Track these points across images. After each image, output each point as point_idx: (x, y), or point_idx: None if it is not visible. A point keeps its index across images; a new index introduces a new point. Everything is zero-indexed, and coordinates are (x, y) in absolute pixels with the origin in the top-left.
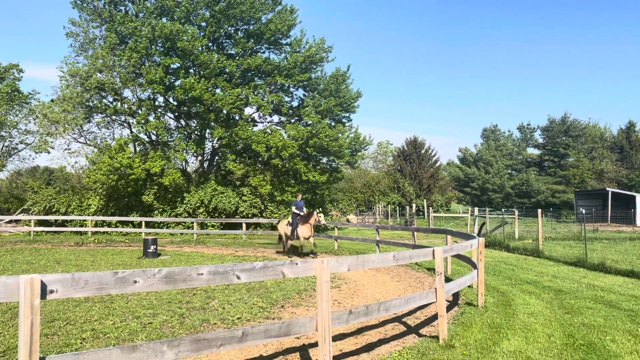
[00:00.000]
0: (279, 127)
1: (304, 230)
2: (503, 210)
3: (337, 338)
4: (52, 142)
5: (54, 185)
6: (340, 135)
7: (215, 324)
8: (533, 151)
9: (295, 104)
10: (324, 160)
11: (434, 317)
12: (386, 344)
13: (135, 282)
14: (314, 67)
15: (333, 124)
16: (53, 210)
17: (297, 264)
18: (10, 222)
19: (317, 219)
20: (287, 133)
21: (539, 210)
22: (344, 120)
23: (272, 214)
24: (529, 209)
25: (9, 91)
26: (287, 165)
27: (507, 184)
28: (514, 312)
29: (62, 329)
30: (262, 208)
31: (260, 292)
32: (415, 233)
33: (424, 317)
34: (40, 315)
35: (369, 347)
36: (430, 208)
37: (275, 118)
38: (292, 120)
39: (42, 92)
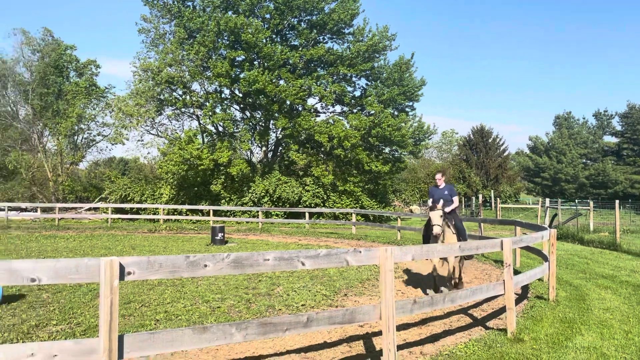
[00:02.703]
0: (341, 117)
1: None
2: (577, 201)
3: (400, 328)
4: (126, 134)
5: (129, 175)
6: (403, 124)
7: (280, 309)
8: (610, 139)
9: (357, 93)
10: (387, 150)
11: (502, 309)
12: (451, 336)
13: (205, 266)
14: (377, 55)
15: (396, 113)
16: (128, 198)
17: (360, 251)
18: (89, 209)
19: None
20: (350, 123)
21: (617, 202)
22: (407, 109)
23: (334, 204)
24: (604, 201)
25: (87, 86)
26: (349, 155)
27: (581, 174)
28: (588, 307)
29: (138, 311)
30: (325, 198)
31: (324, 280)
32: (482, 224)
33: (491, 309)
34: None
35: (433, 338)
36: (498, 199)
37: (338, 108)
38: (355, 110)
39: (117, 86)
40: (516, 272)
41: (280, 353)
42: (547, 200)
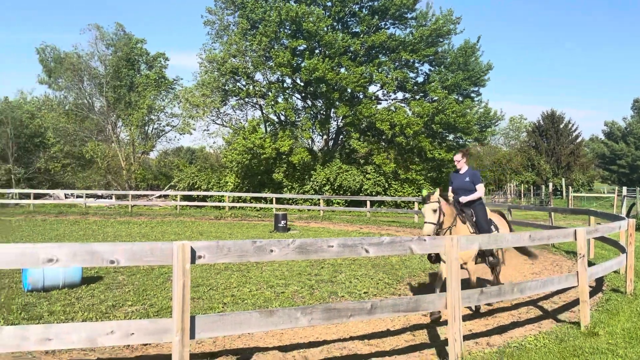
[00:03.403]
0: (403, 104)
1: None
2: None
3: (466, 318)
4: (193, 124)
5: (196, 164)
6: (468, 110)
7: (342, 296)
8: None
9: (420, 79)
10: (451, 137)
11: (574, 302)
12: (520, 327)
13: (271, 251)
14: (441, 40)
15: (460, 99)
16: (195, 186)
17: (425, 240)
18: (160, 196)
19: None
20: (412, 110)
21: None
22: (472, 94)
23: (396, 192)
24: None
25: (157, 78)
26: (411, 143)
27: None
28: None
29: (206, 294)
30: (386, 186)
31: (386, 268)
32: (553, 214)
33: (562, 302)
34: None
35: (500, 330)
36: (570, 187)
37: (400, 95)
38: (417, 97)
39: (185, 78)
40: (590, 264)
41: (343, 339)
42: (625, 188)
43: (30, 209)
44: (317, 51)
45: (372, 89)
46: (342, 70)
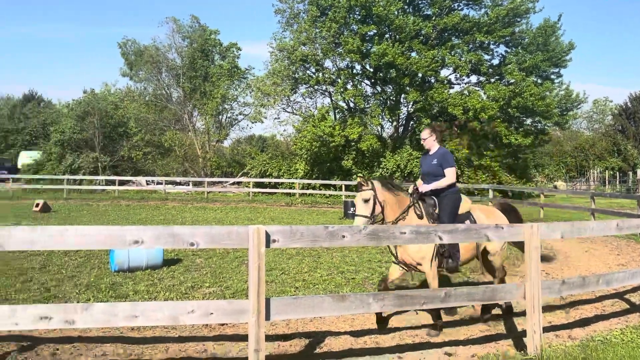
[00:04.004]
0: (477, 88)
1: None
2: None
3: (544, 309)
4: (264, 112)
5: (267, 152)
6: (547, 93)
7: (414, 283)
8: None
9: (495, 62)
10: (528, 121)
11: None
12: (604, 321)
13: (343, 236)
14: (518, 20)
15: (539, 81)
16: (267, 174)
17: (502, 227)
18: (233, 183)
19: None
20: (487, 94)
21: None
22: (552, 76)
23: (469, 180)
24: None
25: (230, 68)
26: (485, 128)
27: None
28: None
29: (279, 278)
30: (459, 173)
31: None
32: None
33: None
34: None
35: (583, 322)
36: None
37: (473, 78)
38: (492, 80)
39: (256, 67)
40: None
41: (415, 327)
42: None
43: (115, 195)
44: (387, 36)
45: (444, 73)
46: (413, 54)
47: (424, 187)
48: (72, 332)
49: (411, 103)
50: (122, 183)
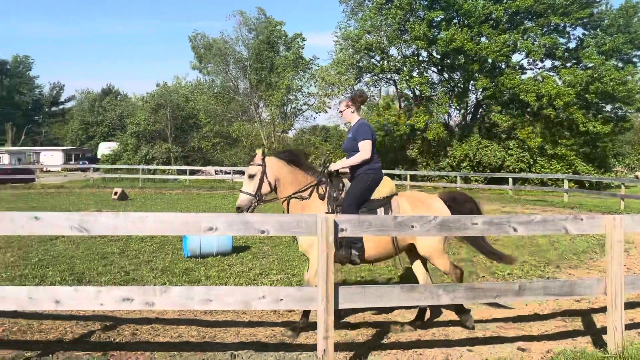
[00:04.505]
0: (551, 73)
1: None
2: None
3: (626, 306)
4: (328, 102)
5: (330, 142)
6: (629, 77)
7: (483, 276)
8: None
9: (572, 45)
10: (608, 108)
11: None
12: None
13: (412, 226)
14: (597, 0)
15: (620, 65)
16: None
17: (582, 219)
18: None
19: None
20: (562, 79)
21: None
22: (635, 60)
23: (542, 169)
24: None
25: (295, 59)
26: (561, 115)
27: None
28: None
29: (344, 267)
30: (531, 163)
31: (532, 249)
32: None
33: None
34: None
35: None
36: None
37: (548, 63)
38: (568, 65)
39: (320, 57)
40: None
41: (486, 320)
42: None
43: (186, 184)
44: (455, 21)
45: (516, 57)
46: (483, 39)
47: (333, 165)
48: (150, 313)
49: (480, 90)
50: (192, 172)
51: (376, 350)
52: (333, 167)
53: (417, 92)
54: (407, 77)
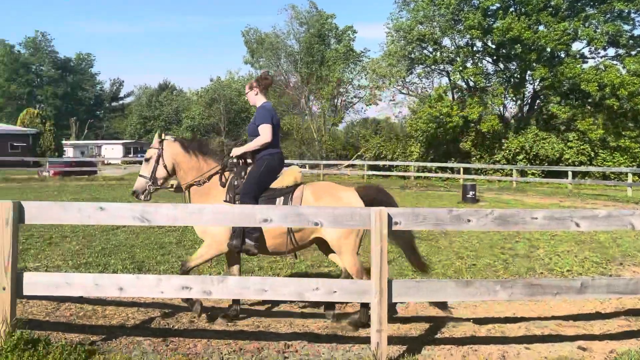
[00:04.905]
0: (615, 62)
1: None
2: None
3: None
4: (379, 94)
5: (381, 134)
6: None
7: (541, 273)
8: None
9: (637, 32)
10: None
11: None
12: None
13: (468, 220)
14: None
15: None
16: (381, 156)
17: None
18: (348, 166)
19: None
20: (627, 68)
21: None
22: None
23: (604, 162)
24: None
25: (345, 51)
26: (625, 106)
27: None
28: None
29: (396, 260)
30: (592, 155)
31: (592, 246)
32: None
33: None
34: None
35: None
36: None
37: (611, 51)
38: (633, 53)
39: (372, 49)
40: None
41: (544, 317)
42: None
43: None
44: (511, 9)
45: (577, 46)
46: (541, 28)
47: (234, 151)
48: (207, 302)
49: (538, 80)
50: None
51: (429, 345)
52: (234, 152)
53: (471, 83)
54: (461, 68)
